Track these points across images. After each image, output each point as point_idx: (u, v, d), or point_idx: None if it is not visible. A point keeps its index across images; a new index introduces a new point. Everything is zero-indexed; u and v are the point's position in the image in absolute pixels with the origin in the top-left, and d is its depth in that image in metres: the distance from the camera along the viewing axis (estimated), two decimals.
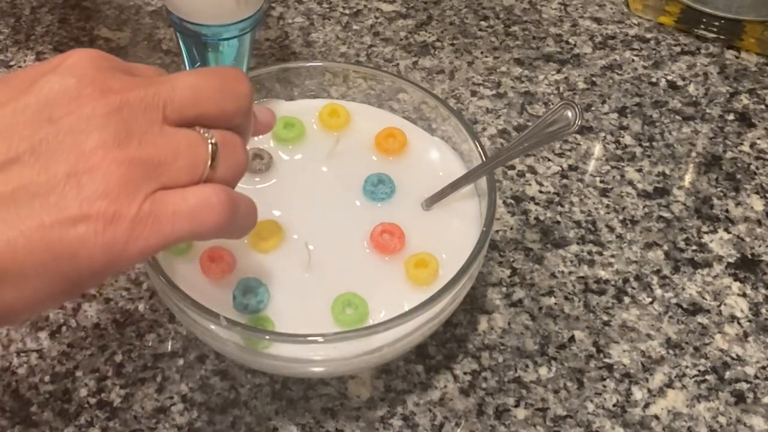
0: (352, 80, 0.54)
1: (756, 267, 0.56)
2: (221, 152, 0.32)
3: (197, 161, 0.31)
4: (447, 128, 0.52)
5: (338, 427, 0.47)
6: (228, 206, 0.31)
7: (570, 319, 0.52)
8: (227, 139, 0.33)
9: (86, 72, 0.30)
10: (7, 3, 0.72)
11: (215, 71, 0.34)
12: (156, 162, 0.30)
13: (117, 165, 0.29)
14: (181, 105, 0.31)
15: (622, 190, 0.60)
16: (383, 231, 0.47)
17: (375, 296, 0.45)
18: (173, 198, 0.30)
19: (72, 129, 0.29)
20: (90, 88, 0.30)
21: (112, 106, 0.30)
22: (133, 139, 0.30)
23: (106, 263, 0.29)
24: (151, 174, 0.30)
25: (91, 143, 0.29)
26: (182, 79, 0.32)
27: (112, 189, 0.29)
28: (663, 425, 0.47)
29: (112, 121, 0.29)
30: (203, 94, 0.32)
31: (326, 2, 0.73)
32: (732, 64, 0.70)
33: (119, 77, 0.31)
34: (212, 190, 0.31)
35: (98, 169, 0.29)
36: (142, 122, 0.30)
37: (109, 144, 0.29)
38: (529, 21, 0.73)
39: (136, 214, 0.29)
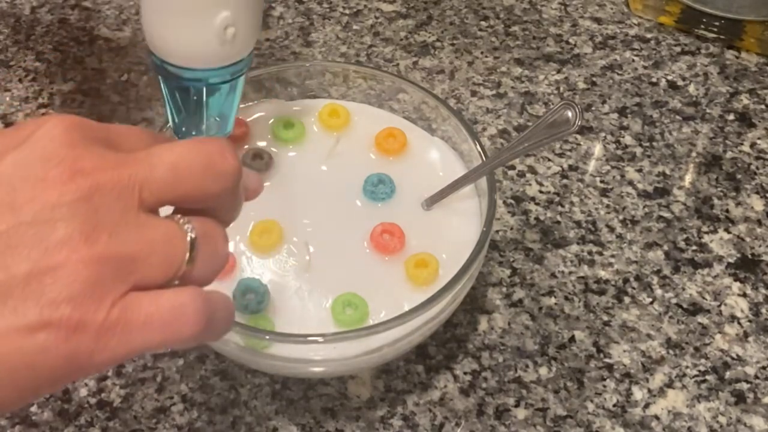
0: (352, 80, 0.54)
1: (756, 267, 0.56)
2: (200, 246, 0.29)
3: (173, 257, 0.28)
4: (447, 128, 0.52)
5: (338, 427, 0.47)
6: (204, 315, 0.28)
7: (570, 319, 0.52)
8: (208, 231, 0.29)
9: (56, 148, 0.27)
10: (7, 3, 0.72)
11: (198, 146, 0.29)
12: (128, 258, 0.27)
13: (84, 264, 0.26)
14: (159, 187, 0.28)
15: (622, 190, 0.60)
16: (383, 231, 0.47)
17: (375, 296, 0.45)
18: (145, 304, 0.27)
19: (35, 219, 0.26)
20: (59, 169, 0.26)
21: (82, 192, 0.26)
22: (103, 232, 0.26)
23: (67, 374, 0.26)
24: (122, 273, 0.27)
25: (55, 237, 0.26)
26: (162, 156, 0.29)
27: (78, 293, 0.26)
28: (663, 425, 0.47)
29: (81, 210, 0.26)
30: (184, 174, 0.29)
31: (326, 2, 0.73)
32: (732, 64, 0.70)
33: (94, 153, 0.27)
34: (189, 297, 0.28)
35: (62, 269, 0.25)
36: (115, 210, 0.27)
37: (76, 239, 0.26)
38: (529, 21, 0.73)
39: (103, 322, 0.26)
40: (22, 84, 0.65)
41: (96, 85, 0.65)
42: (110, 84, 0.65)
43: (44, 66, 0.67)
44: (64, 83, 0.65)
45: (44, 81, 0.65)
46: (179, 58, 0.42)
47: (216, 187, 0.30)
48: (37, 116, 0.63)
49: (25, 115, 0.63)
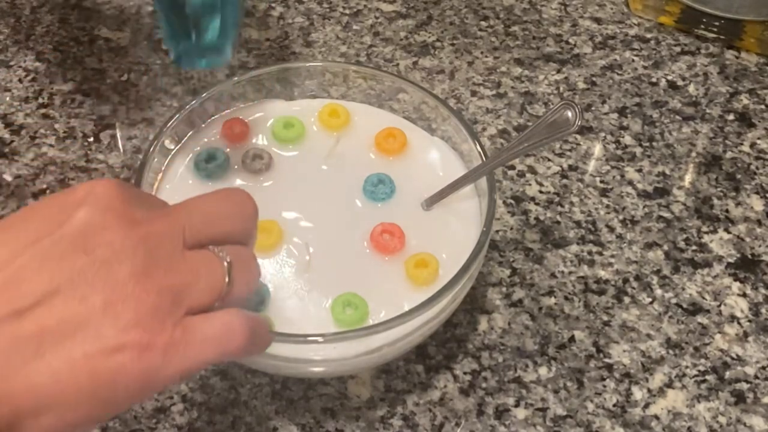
0: (352, 80, 0.54)
1: (756, 267, 0.56)
2: (235, 268, 0.34)
3: (216, 281, 0.33)
4: (447, 128, 0.52)
5: (338, 427, 0.47)
6: (249, 330, 0.34)
7: (570, 319, 0.52)
8: (240, 255, 0.35)
9: (113, 204, 0.32)
10: (7, 3, 0.72)
11: (224, 196, 0.37)
12: (180, 286, 0.32)
13: (147, 293, 0.31)
14: (197, 230, 0.34)
15: (622, 190, 0.60)
16: (383, 231, 0.47)
17: (375, 296, 0.45)
18: (201, 325, 0.32)
19: (106, 260, 0.31)
20: (118, 220, 0.32)
21: (139, 237, 0.32)
22: (159, 267, 0.32)
23: (141, 389, 0.31)
24: (178, 299, 0.32)
25: (123, 273, 0.31)
26: (196, 206, 0.35)
27: (144, 317, 0.30)
28: (663, 425, 0.47)
29: (140, 250, 0.31)
30: (216, 218, 0.35)
31: (326, 2, 0.73)
32: (732, 64, 0.70)
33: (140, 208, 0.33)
34: (234, 315, 0.33)
35: (131, 299, 0.30)
36: (166, 249, 0.32)
37: (139, 273, 0.31)
38: (529, 21, 0.73)
39: (168, 342, 0.31)
40: (22, 84, 0.65)
41: (96, 85, 0.65)
42: (110, 84, 0.65)
43: (44, 66, 0.67)
44: (64, 83, 0.65)
45: (44, 81, 0.65)
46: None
47: (241, 227, 0.36)
48: (37, 116, 0.63)
49: (25, 115, 0.63)
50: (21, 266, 0.30)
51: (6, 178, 0.58)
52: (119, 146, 0.61)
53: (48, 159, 0.60)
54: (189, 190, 0.49)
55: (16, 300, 0.30)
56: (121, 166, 0.59)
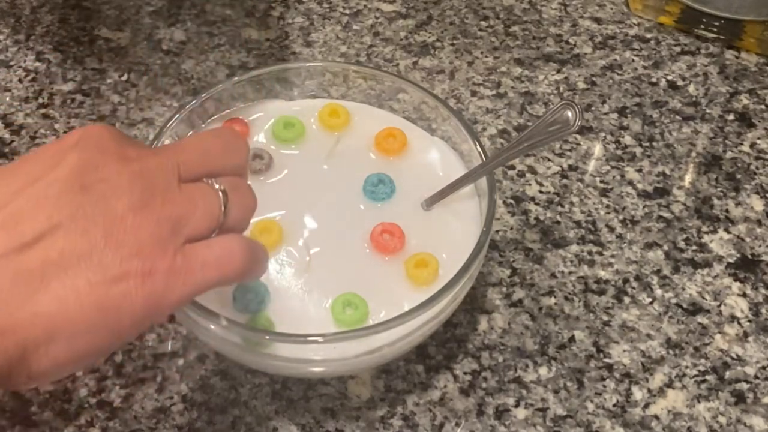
0: (352, 80, 0.54)
1: (756, 267, 0.56)
2: (231, 197, 0.35)
3: (212, 209, 0.35)
4: (447, 128, 0.52)
5: (338, 427, 0.47)
6: (248, 252, 0.35)
7: (570, 319, 0.52)
8: (234, 184, 0.36)
9: (105, 143, 0.34)
10: (7, 3, 0.72)
11: (215, 133, 0.39)
12: (178, 216, 0.33)
13: (147, 223, 0.32)
14: (191, 165, 0.35)
15: (622, 190, 0.60)
16: (383, 231, 0.47)
17: (375, 296, 0.45)
18: (200, 250, 0.34)
19: (103, 195, 0.32)
20: (112, 158, 0.33)
21: (134, 172, 0.33)
22: (156, 198, 0.33)
23: (146, 314, 0.32)
24: (176, 228, 0.33)
25: (121, 206, 0.32)
26: (188, 143, 0.37)
27: (146, 246, 0.32)
28: (663, 425, 0.47)
29: (137, 184, 0.33)
30: (208, 153, 0.36)
31: (326, 2, 0.73)
32: (732, 64, 0.70)
33: (133, 147, 0.34)
34: (234, 240, 0.35)
35: (131, 229, 0.32)
36: (161, 182, 0.34)
37: (137, 206, 0.32)
38: (529, 21, 0.73)
39: (170, 268, 0.32)
40: (22, 84, 0.65)
41: (96, 85, 0.65)
42: (110, 84, 0.65)
43: (44, 66, 0.67)
44: (64, 83, 0.65)
45: (44, 81, 0.65)
46: None
47: (233, 161, 0.37)
48: (37, 116, 0.63)
49: (25, 115, 0.63)
50: (19, 206, 0.31)
51: None
52: None
53: None
54: None
55: (18, 236, 0.30)
56: None
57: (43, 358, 0.30)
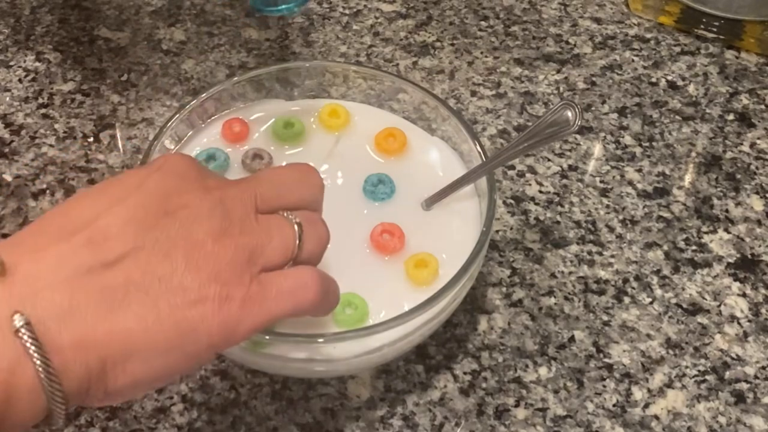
0: (352, 80, 0.54)
1: (756, 267, 0.56)
2: (306, 230, 0.36)
3: (288, 241, 0.36)
4: (447, 128, 0.52)
5: (338, 427, 0.47)
6: (321, 286, 0.36)
7: (570, 319, 0.52)
8: (308, 218, 0.37)
9: (187, 171, 0.35)
10: (7, 3, 0.72)
11: (292, 167, 0.40)
12: (255, 245, 0.34)
13: (225, 250, 0.33)
14: (267, 197, 0.36)
15: (622, 190, 0.60)
16: (383, 231, 0.47)
17: (375, 296, 0.45)
18: (276, 279, 0.34)
19: (185, 220, 0.33)
20: (194, 185, 0.34)
21: (215, 200, 0.34)
22: (234, 226, 0.34)
23: (222, 339, 0.33)
24: (253, 257, 0.34)
25: (202, 232, 0.33)
26: (265, 176, 0.38)
27: (223, 272, 0.33)
28: (663, 425, 0.47)
29: (217, 212, 0.34)
30: (284, 186, 0.38)
31: (326, 2, 0.73)
32: (732, 64, 0.70)
33: (213, 177, 0.36)
34: (308, 271, 0.36)
35: (211, 255, 0.33)
36: (240, 212, 0.35)
37: (217, 232, 0.33)
38: (529, 21, 0.73)
39: (246, 295, 0.33)
40: (22, 84, 0.65)
41: (96, 85, 0.65)
42: (110, 84, 0.65)
43: (44, 66, 0.67)
44: (64, 83, 0.65)
45: (44, 81, 0.65)
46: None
47: (309, 196, 0.39)
48: (37, 116, 0.63)
49: (25, 115, 0.63)
50: (107, 224, 0.32)
51: (6, 178, 0.58)
52: (119, 146, 0.61)
53: (48, 159, 0.60)
54: None
55: (103, 254, 0.31)
56: (121, 166, 0.59)
57: (120, 375, 0.31)
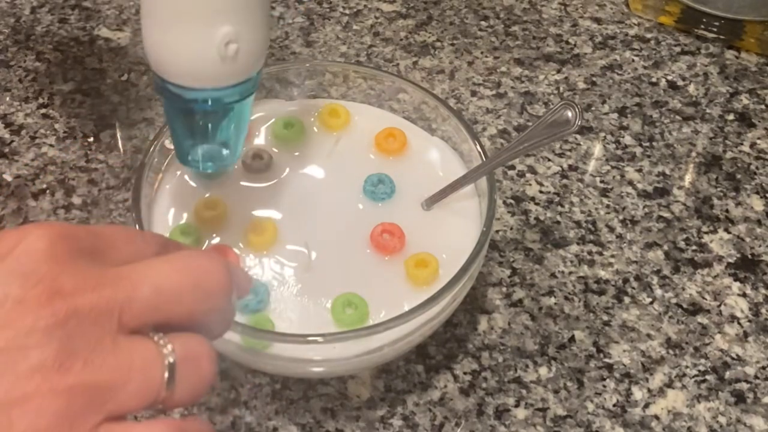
0: (352, 80, 0.54)
1: (756, 267, 0.56)
2: (181, 370, 0.27)
3: (151, 384, 0.27)
4: (447, 128, 0.52)
5: (338, 427, 0.47)
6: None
7: (570, 319, 0.52)
8: (190, 352, 0.28)
9: (37, 266, 0.26)
10: (7, 3, 0.72)
11: (187, 262, 0.29)
12: (103, 387, 0.26)
13: (55, 395, 0.25)
14: (141, 310, 0.27)
15: (622, 190, 0.60)
16: (383, 231, 0.47)
17: (375, 296, 0.45)
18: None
19: (7, 346, 0.25)
20: (37, 289, 0.25)
21: (57, 317, 0.25)
22: (77, 359, 0.25)
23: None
24: (96, 402, 0.26)
25: (27, 365, 0.25)
26: (147, 275, 0.28)
27: (47, 427, 0.24)
28: (663, 425, 0.47)
29: (56, 336, 0.25)
30: (169, 295, 0.28)
31: (326, 2, 0.73)
32: (732, 64, 0.70)
33: (76, 269, 0.27)
34: (163, 428, 0.27)
35: (32, 401, 0.24)
36: (91, 336, 0.26)
37: (48, 366, 0.25)
38: (529, 21, 0.73)
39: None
40: (22, 84, 0.65)
41: (96, 85, 0.65)
42: (110, 84, 0.65)
43: (44, 66, 0.67)
44: (64, 83, 0.65)
45: (44, 81, 0.65)
46: (180, 76, 0.40)
47: (203, 308, 0.29)
48: (37, 116, 0.63)
49: (25, 115, 0.63)
50: None
51: (6, 178, 0.58)
52: (119, 146, 0.61)
53: (48, 159, 0.60)
54: (189, 190, 0.49)
55: None
56: (121, 166, 0.59)
57: None
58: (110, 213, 0.56)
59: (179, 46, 0.39)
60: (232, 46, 0.39)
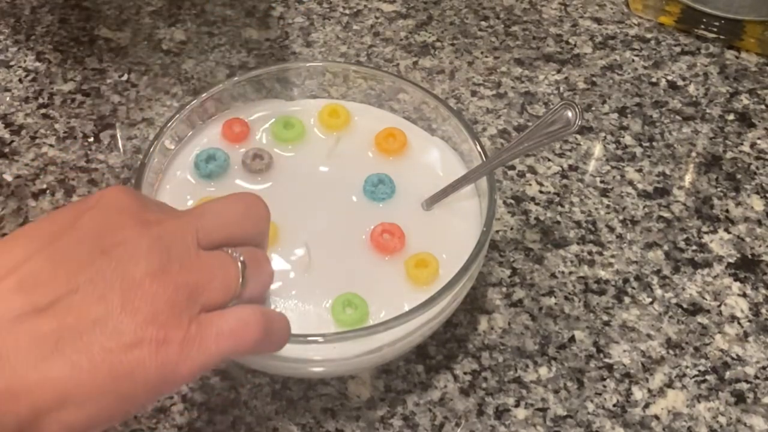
0: (352, 80, 0.54)
1: (756, 267, 0.56)
2: (249, 269, 0.35)
3: (230, 280, 0.34)
4: (447, 128, 0.52)
5: (338, 427, 0.47)
6: (263, 324, 0.34)
7: (570, 319, 0.52)
8: (253, 256, 0.36)
9: (124, 206, 0.33)
10: (7, 3, 0.72)
11: (236, 199, 0.37)
12: (195, 284, 0.33)
13: (164, 290, 0.32)
14: (210, 231, 0.35)
15: (622, 190, 0.60)
16: (383, 231, 0.47)
17: (375, 296, 0.45)
18: (215, 320, 0.33)
19: (122, 258, 0.31)
20: (132, 220, 0.33)
21: (153, 236, 0.32)
22: (174, 264, 0.32)
23: (160, 382, 0.31)
24: (193, 296, 0.32)
25: (139, 271, 0.31)
26: (209, 208, 0.36)
27: (161, 313, 0.31)
28: (663, 425, 0.47)
29: (155, 249, 0.32)
30: (229, 219, 0.36)
31: (326, 2, 0.73)
32: (732, 64, 0.70)
33: (152, 211, 0.34)
34: (249, 310, 0.34)
35: (148, 296, 0.31)
36: (180, 248, 0.33)
37: (155, 271, 0.32)
38: (529, 21, 0.73)
39: (184, 337, 0.32)
40: (22, 84, 0.65)
41: (96, 85, 0.65)
42: (110, 84, 0.65)
43: (44, 66, 0.67)
44: (64, 83, 0.65)
45: (44, 81, 0.65)
46: None
47: (254, 229, 0.37)
48: (37, 116, 0.63)
49: (25, 115, 0.63)
50: (38, 267, 0.31)
51: (6, 178, 0.58)
52: (119, 146, 0.61)
53: (48, 159, 0.60)
54: (189, 190, 0.49)
55: (35, 298, 0.30)
56: (121, 166, 0.59)
57: (54, 423, 0.30)
58: None
59: None
60: None
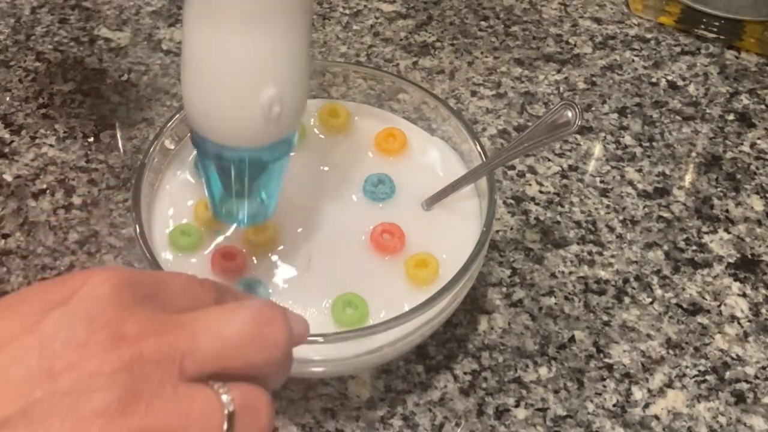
0: (352, 80, 0.54)
1: (756, 267, 0.56)
2: (240, 419, 0.28)
3: (211, 429, 0.27)
4: (447, 128, 0.52)
5: (338, 427, 0.47)
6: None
7: (570, 319, 0.52)
8: (249, 402, 0.28)
9: (102, 309, 0.26)
10: (7, 3, 0.72)
11: (247, 313, 0.29)
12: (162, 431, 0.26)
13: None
14: (202, 359, 0.27)
15: (622, 190, 0.60)
16: (383, 231, 0.47)
17: (375, 296, 0.45)
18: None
19: (72, 388, 0.25)
20: (102, 334, 0.26)
21: (122, 362, 0.26)
22: (140, 403, 0.25)
23: None
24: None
25: (91, 407, 0.25)
26: (208, 324, 0.28)
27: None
28: (663, 425, 0.47)
29: (120, 380, 0.25)
30: (229, 344, 0.28)
31: (326, 2, 0.73)
32: (732, 64, 0.70)
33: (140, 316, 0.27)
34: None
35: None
36: (153, 382, 0.26)
37: (112, 410, 0.25)
38: (529, 21, 0.73)
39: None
40: (22, 84, 0.65)
41: (96, 85, 0.65)
42: (110, 84, 0.65)
43: (44, 66, 0.67)
44: (64, 83, 0.65)
45: (44, 81, 0.65)
46: (221, 135, 0.39)
47: (262, 359, 0.29)
48: (37, 116, 0.63)
49: (25, 115, 0.63)
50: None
51: (6, 178, 0.58)
52: (119, 146, 0.61)
53: (48, 159, 0.60)
54: (189, 190, 0.49)
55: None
56: (121, 166, 0.59)
57: None
58: (110, 213, 0.56)
59: (223, 107, 0.39)
60: (275, 108, 0.38)
